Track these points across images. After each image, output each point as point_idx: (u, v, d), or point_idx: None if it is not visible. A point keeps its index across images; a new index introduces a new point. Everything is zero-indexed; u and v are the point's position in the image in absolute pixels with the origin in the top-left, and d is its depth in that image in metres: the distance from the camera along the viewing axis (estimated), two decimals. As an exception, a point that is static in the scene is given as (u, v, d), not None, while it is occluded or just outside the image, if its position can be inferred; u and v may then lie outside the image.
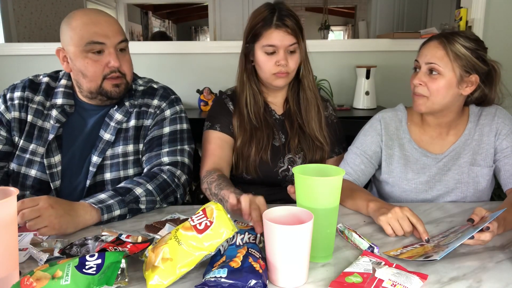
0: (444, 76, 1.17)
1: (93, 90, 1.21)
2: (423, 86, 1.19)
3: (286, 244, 0.76)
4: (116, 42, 1.18)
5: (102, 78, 1.19)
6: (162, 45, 2.86)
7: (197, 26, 10.39)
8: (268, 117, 1.40)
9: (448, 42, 1.17)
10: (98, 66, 1.17)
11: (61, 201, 1.02)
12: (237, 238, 0.84)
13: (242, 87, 1.39)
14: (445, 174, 1.27)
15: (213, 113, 1.42)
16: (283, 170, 1.38)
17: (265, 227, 0.78)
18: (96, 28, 1.16)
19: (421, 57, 1.21)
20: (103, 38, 1.16)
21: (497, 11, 2.56)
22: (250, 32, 1.34)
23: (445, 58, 1.17)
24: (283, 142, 1.40)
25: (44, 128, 1.24)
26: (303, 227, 0.76)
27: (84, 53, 1.16)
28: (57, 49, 1.22)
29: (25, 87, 1.26)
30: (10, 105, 1.25)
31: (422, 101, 1.21)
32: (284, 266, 0.77)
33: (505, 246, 0.94)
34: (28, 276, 0.73)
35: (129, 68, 1.25)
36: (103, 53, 1.17)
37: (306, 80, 1.40)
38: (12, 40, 3.52)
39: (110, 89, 1.20)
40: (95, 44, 1.15)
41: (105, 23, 1.18)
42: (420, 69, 1.21)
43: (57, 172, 1.23)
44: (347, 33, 9.60)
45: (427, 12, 5.54)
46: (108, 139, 1.24)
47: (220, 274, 0.73)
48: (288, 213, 0.84)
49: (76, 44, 1.16)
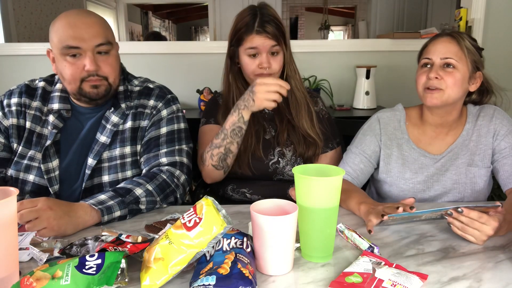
0: (459, 70, 1.19)
1: (74, 91, 1.20)
2: (439, 80, 1.20)
3: (272, 234, 0.80)
4: (93, 45, 1.15)
5: (80, 81, 1.18)
6: (162, 45, 2.87)
7: (197, 26, 10.40)
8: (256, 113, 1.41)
9: (461, 38, 1.21)
10: (75, 69, 1.16)
11: (60, 202, 1.02)
12: (224, 243, 0.81)
13: (229, 88, 1.43)
14: (443, 175, 1.27)
15: (208, 109, 1.47)
16: (273, 162, 1.40)
17: (253, 218, 0.82)
18: (71, 32, 1.14)
19: (434, 53, 1.21)
20: (78, 41, 1.14)
21: (497, 11, 2.56)
22: (234, 36, 1.37)
23: (459, 53, 1.19)
24: (272, 135, 1.43)
25: (42, 134, 1.24)
26: (287, 217, 0.80)
27: (63, 56, 1.16)
28: (47, 50, 1.22)
29: (21, 93, 1.26)
30: (8, 112, 1.24)
31: (438, 95, 1.20)
32: (270, 254, 0.81)
33: (505, 246, 0.94)
34: (28, 276, 0.73)
35: (111, 71, 1.21)
36: (80, 57, 1.16)
37: (293, 81, 1.42)
38: (12, 40, 3.52)
39: (88, 90, 1.19)
40: (70, 48, 1.14)
41: (83, 25, 1.15)
42: (432, 65, 1.22)
43: (55, 176, 1.23)
44: (347, 33, 9.60)
45: (427, 12, 5.55)
46: (104, 142, 1.23)
47: (209, 282, 0.71)
48: (274, 205, 0.88)
49: (55, 46, 1.17)
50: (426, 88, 1.22)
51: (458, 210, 0.93)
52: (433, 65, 1.21)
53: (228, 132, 1.27)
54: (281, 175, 1.41)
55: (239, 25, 1.36)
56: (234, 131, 1.27)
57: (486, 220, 0.91)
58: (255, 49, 1.33)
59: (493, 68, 1.30)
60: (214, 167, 1.31)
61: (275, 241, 0.80)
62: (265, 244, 0.81)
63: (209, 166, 1.31)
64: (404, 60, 2.67)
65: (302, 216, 0.86)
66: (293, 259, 0.86)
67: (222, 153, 1.28)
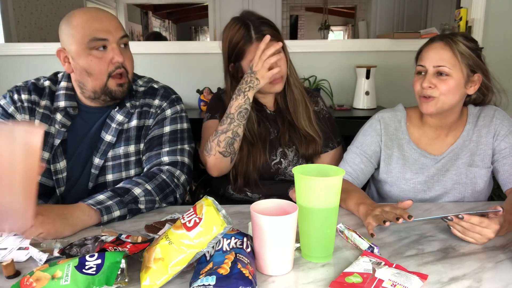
0: (453, 77, 1.18)
1: (97, 89, 1.19)
2: (432, 88, 1.19)
3: (272, 234, 0.80)
4: (118, 37, 1.18)
5: (107, 76, 1.18)
6: (162, 45, 2.87)
7: (197, 26, 10.40)
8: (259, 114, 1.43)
9: (454, 42, 1.18)
10: (103, 63, 1.16)
11: (52, 206, 1.03)
12: (224, 243, 0.81)
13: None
14: (443, 175, 1.27)
15: (212, 105, 1.46)
16: (275, 163, 1.40)
17: (253, 218, 0.82)
18: (97, 25, 1.15)
19: (426, 61, 1.20)
20: (106, 34, 1.15)
21: (497, 11, 2.56)
22: (233, 52, 1.35)
23: (452, 59, 1.17)
24: (275, 136, 1.43)
25: (49, 133, 1.23)
26: (287, 217, 0.80)
27: (88, 50, 1.15)
28: (57, 50, 1.20)
29: (30, 90, 1.24)
30: (20, 107, 1.22)
31: (432, 103, 1.20)
32: (270, 255, 0.81)
33: (505, 246, 0.94)
34: (28, 276, 0.73)
35: (131, 65, 1.24)
36: (107, 49, 1.17)
37: (292, 78, 1.43)
38: (12, 40, 3.51)
39: (114, 88, 1.19)
40: (98, 40, 1.15)
41: (106, 19, 1.17)
42: (425, 72, 1.21)
43: (63, 178, 1.23)
44: (347, 33, 9.60)
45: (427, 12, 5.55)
46: (109, 141, 1.24)
47: (209, 282, 0.72)
48: (275, 205, 0.88)
49: (78, 42, 1.15)
50: (421, 96, 1.22)
51: (459, 216, 0.92)
52: (426, 73, 1.20)
53: (235, 115, 1.28)
54: (283, 175, 1.41)
55: (234, 40, 1.34)
56: (241, 113, 1.28)
57: (488, 224, 0.91)
58: None
59: (493, 68, 1.29)
60: (221, 154, 1.29)
61: (275, 241, 0.80)
62: (265, 244, 0.81)
63: (216, 154, 1.29)
64: (404, 60, 2.67)
65: (302, 216, 0.86)
66: (293, 259, 0.86)
67: (229, 137, 1.28)
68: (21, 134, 0.82)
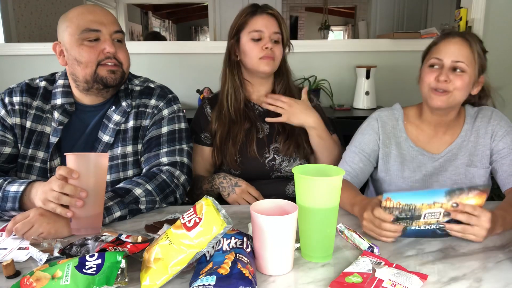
0: (468, 74, 1.18)
1: (88, 78, 1.19)
2: (447, 83, 1.18)
3: (272, 234, 0.80)
4: (111, 31, 1.18)
5: (96, 64, 1.17)
6: (162, 45, 2.87)
7: (197, 26, 10.40)
8: (250, 112, 1.44)
9: (473, 41, 1.19)
10: (93, 51, 1.17)
11: None
12: (224, 243, 0.81)
13: (225, 79, 1.46)
14: (442, 175, 1.27)
15: (194, 124, 1.49)
16: (269, 160, 1.41)
17: (253, 218, 0.82)
18: (91, 16, 1.17)
19: (445, 55, 1.19)
20: (98, 25, 1.16)
21: (497, 11, 2.57)
22: (236, 26, 1.41)
23: (470, 57, 1.18)
24: (266, 134, 1.44)
25: (43, 132, 1.23)
26: (287, 217, 0.80)
27: (80, 40, 1.16)
28: (54, 43, 1.21)
29: (23, 92, 1.24)
30: (11, 110, 1.22)
31: (445, 97, 1.19)
32: (270, 254, 0.81)
33: (505, 246, 0.94)
34: (28, 276, 0.73)
35: (126, 58, 1.23)
36: (99, 41, 1.17)
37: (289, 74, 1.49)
38: (12, 40, 3.52)
39: (105, 75, 1.18)
40: (90, 31, 1.16)
41: (101, 12, 1.19)
42: (440, 66, 1.20)
43: None
44: (347, 33, 9.60)
45: (427, 12, 5.54)
46: (107, 141, 1.23)
47: (209, 282, 0.71)
48: (275, 205, 0.88)
49: (71, 33, 1.16)
50: (433, 89, 1.21)
51: (453, 205, 0.93)
52: (442, 67, 1.19)
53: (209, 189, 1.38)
54: (279, 172, 1.42)
55: (240, 13, 1.41)
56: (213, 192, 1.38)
57: (481, 211, 0.92)
58: (259, 32, 1.36)
59: (493, 68, 1.30)
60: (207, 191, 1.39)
61: (275, 241, 0.80)
62: (265, 244, 0.81)
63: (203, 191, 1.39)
64: (404, 60, 2.67)
65: (302, 216, 0.86)
66: (293, 259, 0.86)
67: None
68: (93, 158, 1.00)
